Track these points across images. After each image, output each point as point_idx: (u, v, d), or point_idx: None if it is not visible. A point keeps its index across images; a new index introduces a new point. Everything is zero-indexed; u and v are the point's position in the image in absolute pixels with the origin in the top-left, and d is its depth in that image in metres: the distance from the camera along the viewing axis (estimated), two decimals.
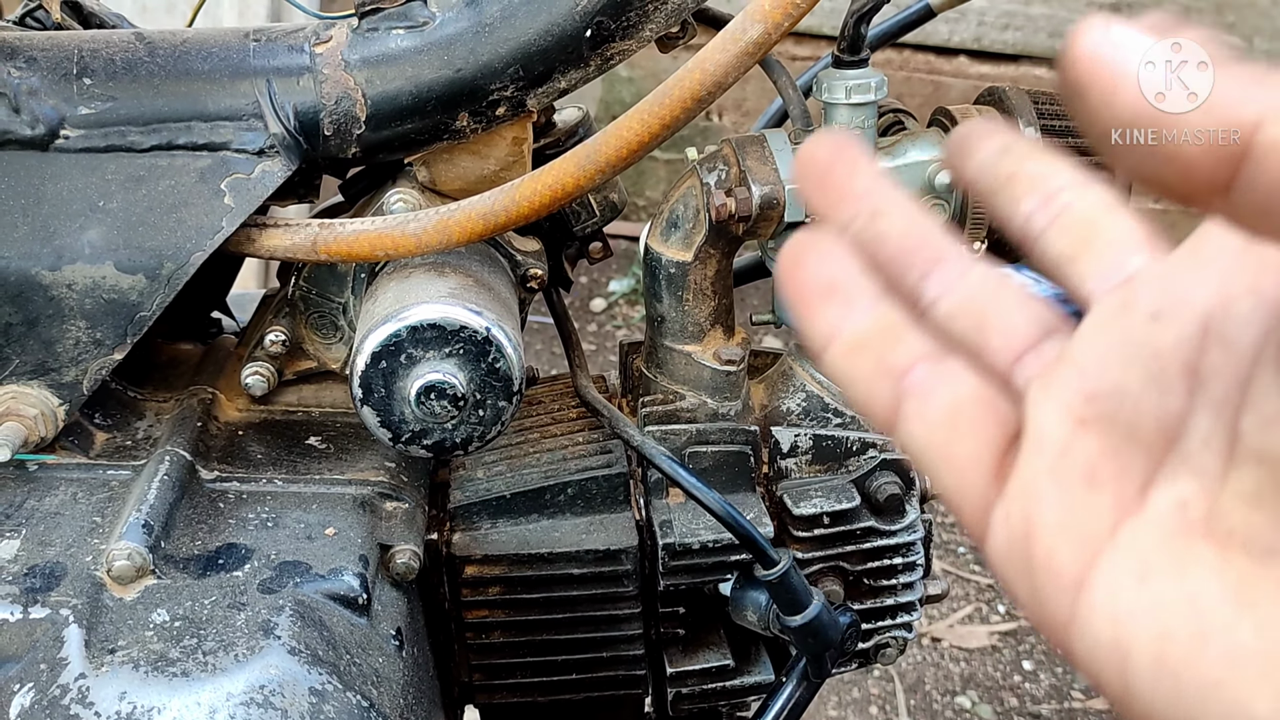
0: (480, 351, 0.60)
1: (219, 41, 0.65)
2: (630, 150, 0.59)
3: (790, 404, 0.74)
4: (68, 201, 0.62)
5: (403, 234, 0.61)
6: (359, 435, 0.71)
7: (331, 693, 0.54)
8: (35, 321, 0.62)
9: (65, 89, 0.62)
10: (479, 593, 0.72)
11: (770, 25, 0.56)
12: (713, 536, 0.70)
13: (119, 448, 0.67)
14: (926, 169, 0.69)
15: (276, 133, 0.63)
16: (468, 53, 0.64)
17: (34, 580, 0.58)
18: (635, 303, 3.00)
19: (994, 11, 3.01)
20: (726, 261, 0.73)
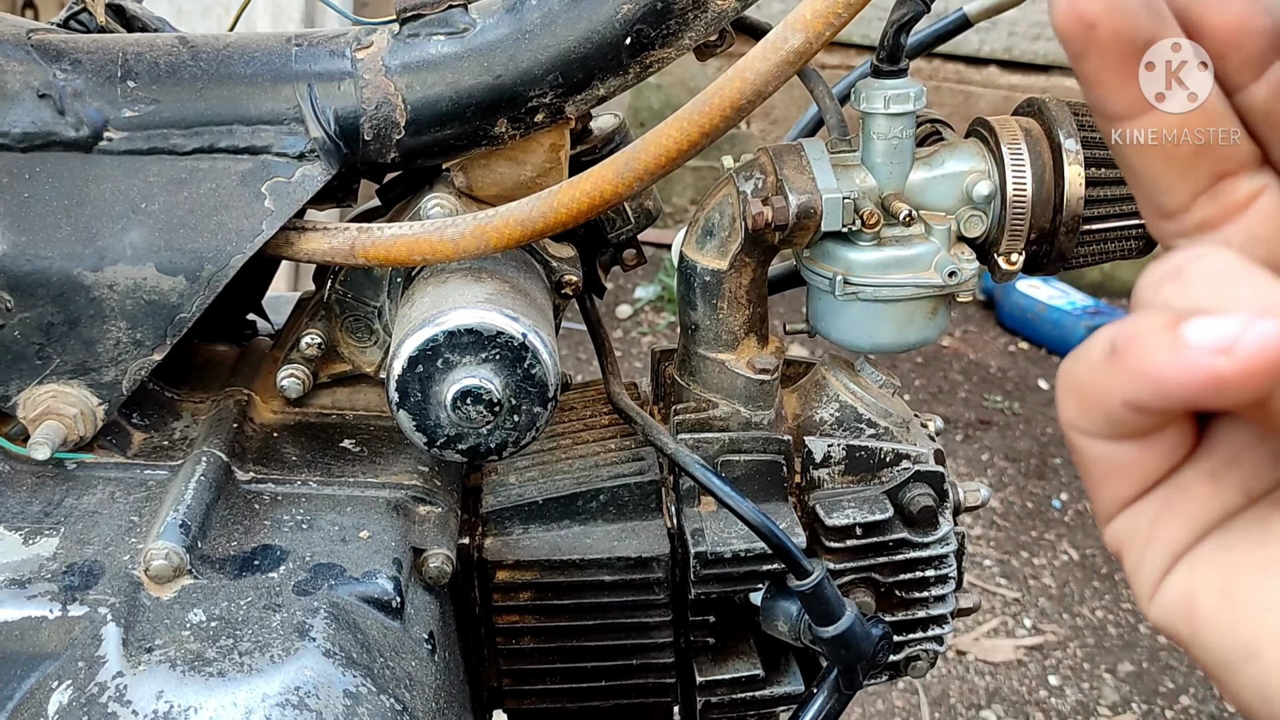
0: (516, 357, 0.60)
1: (261, 46, 0.66)
2: (669, 158, 0.59)
3: (824, 414, 0.74)
4: (110, 203, 0.62)
5: (441, 239, 0.62)
6: (392, 439, 0.71)
7: (366, 695, 0.54)
8: (77, 321, 0.63)
9: (109, 91, 0.63)
10: (510, 598, 0.72)
11: (811, 35, 0.56)
12: (745, 545, 0.70)
13: (156, 448, 0.68)
14: (965, 180, 0.69)
15: (317, 137, 0.64)
16: (507, 59, 0.64)
17: (72, 578, 0.58)
18: (661, 309, 2.99)
19: (1025, 22, 2.99)
20: (761, 270, 0.72)
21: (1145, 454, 0.28)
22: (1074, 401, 0.28)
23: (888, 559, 0.73)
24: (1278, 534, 0.26)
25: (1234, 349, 0.24)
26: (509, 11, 0.64)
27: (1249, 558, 0.27)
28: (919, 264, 0.69)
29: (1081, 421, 0.28)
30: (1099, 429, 0.28)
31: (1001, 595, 2.12)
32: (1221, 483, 0.28)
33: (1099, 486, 0.29)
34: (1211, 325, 0.25)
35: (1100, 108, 0.30)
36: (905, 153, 0.69)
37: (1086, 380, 0.28)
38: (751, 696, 0.76)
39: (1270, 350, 0.24)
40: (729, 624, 0.75)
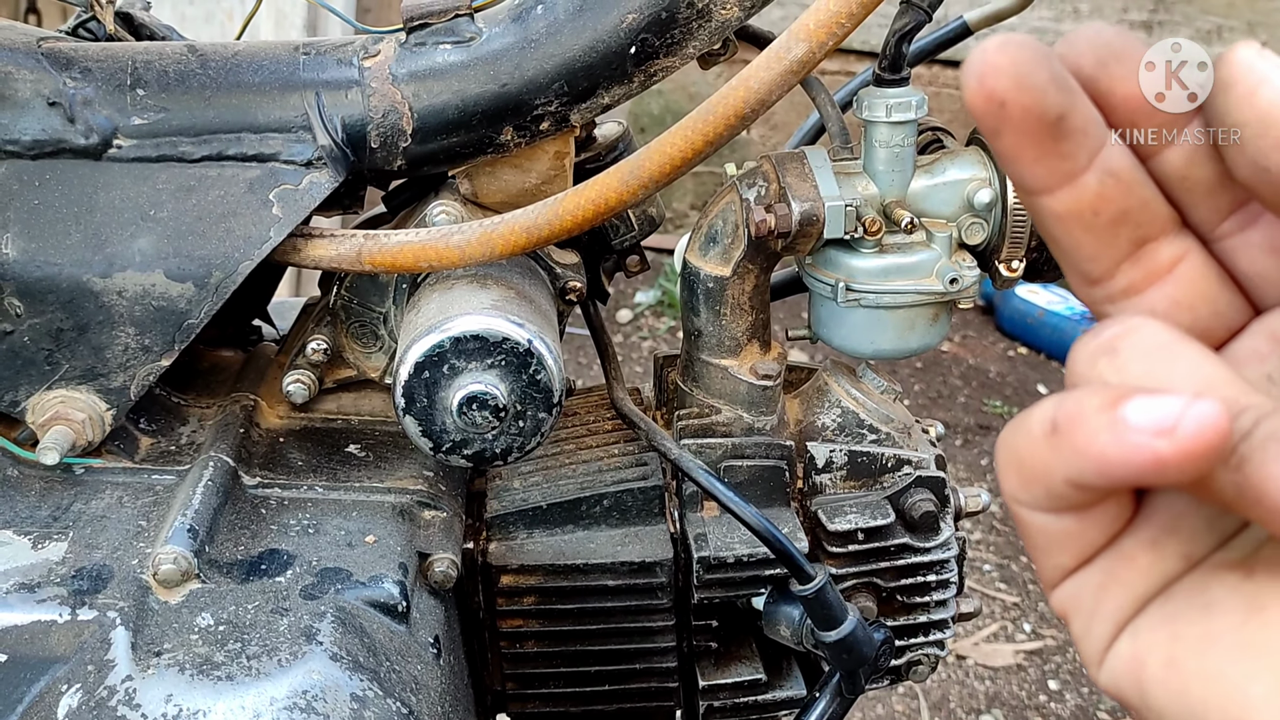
0: (522, 363, 0.61)
1: (269, 54, 0.66)
2: (674, 166, 0.60)
3: (826, 419, 0.74)
4: (119, 210, 0.63)
5: (446, 246, 0.62)
6: (398, 444, 0.72)
7: (372, 699, 0.55)
8: (86, 327, 0.63)
9: (119, 99, 0.64)
10: (514, 602, 0.72)
11: (814, 44, 0.57)
12: (747, 550, 0.71)
13: (163, 453, 0.68)
14: (966, 187, 0.70)
15: (324, 145, 0.64)
16: (513, 68, 0.64)
17: (81, 582, 0.58)
18: (661, 314, 3.00)
19: (1025, 29, 3.00)
20: (764, 277, 0.73)
21: (1086, 525, 0.28)
22: (1015, 475, 0.28)
23: (889, 564, 0.74)
24: (1218, 604, 0.27)
25: (1174, 431, 0.24)
26: (515, 20, 0.65)
27: (1191, 629, 0.27)
28: (920, 271, 0.69)
29: (1023, 495, 0.28)
30: (1040, 503, 0.28)
31: (1001, 600, 2.13)
32: (1162, 551, 0.28)
33: (1042, 556, 0.30)
34: (1151, 406, 0.25)
35: (1019, 182, 0.30)
36: (907, 160, 0.69)
37: (1028, 456, 0.28)
38: (754, 701, 0.76)
39: (1209, 432, 0.24)
40: (731, 628, 0.76)
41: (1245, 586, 0.27)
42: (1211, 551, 0.28)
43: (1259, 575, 0.27)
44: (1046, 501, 0.28)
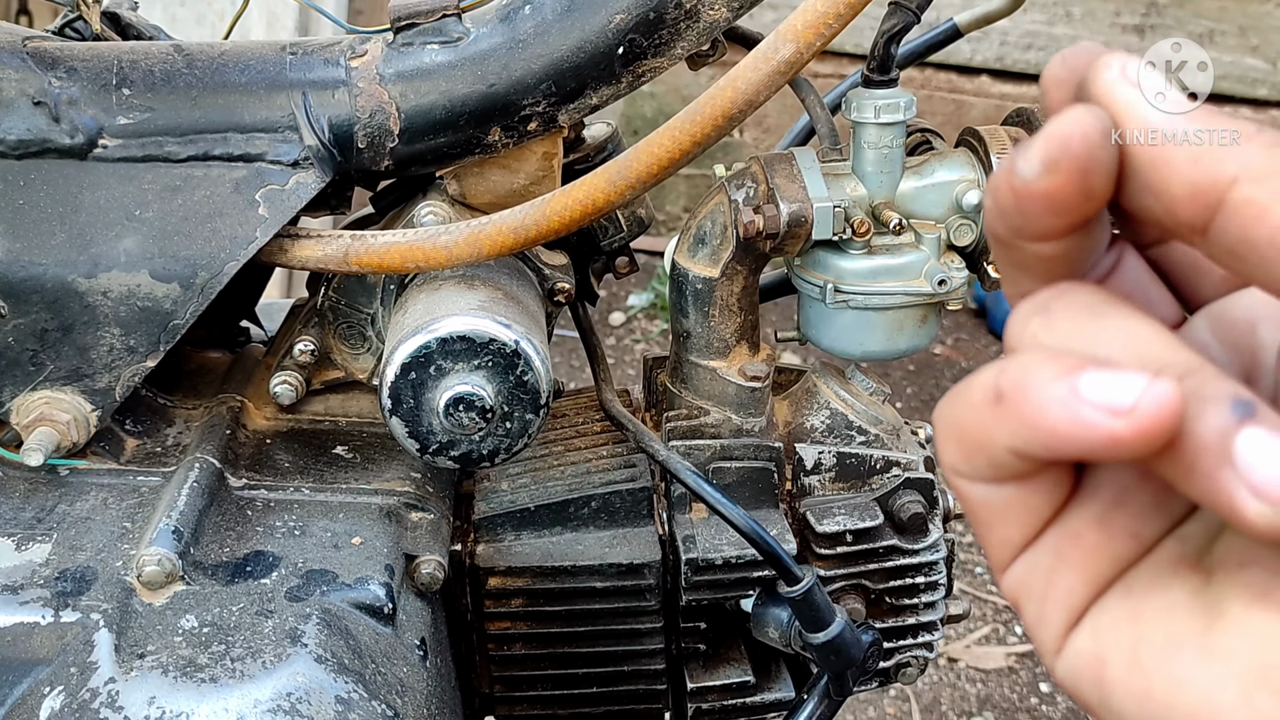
0: (509, 364, 0.60)
1: (256, 54, 0.66)
2: (661, 167, 0.59)
3: (814, 421, 0.74)
4: (105, 210, 0.63)
5: (434, 246, 0.62)
6: (385, 445, 0.71)
7: (357, 701, 0.54)
8: (70, 328, 0.63)
9: (104, 99, 0.63)
10: (501, 604, 0.72)
11: (802, 45, 0.57)
12: (736, 552, 0.70)
13: (149, 454, 0.68)
14: (954, 189, 0.70)
15: (311, 145, 0.64)
16: (501, 68, 0.64)
17: (65, 584, 0.58)
18: (654, 317, 3.00)
19: (1017, 31, 3.01)
20: (753, 278, 0.73)
21: (1029, 494, 0.28)
22: (955, 446, 0.28)
23: (878, 566, 0.74)
24: (1180, 606, 0.26)
25: (1132, 412, 0.24)
26: (502, 21, 0.65)
27: (1155, 631, 0.26)
28: (909, 272, 0.69)
29: (964, 466, 0.28)
30: (982, 473, 0.28)
31: (993, 602, 2.13)
32: (1109, 528, 0.28)
33: (988, 531, 0.29)
34: (1107, 382, 0.24)
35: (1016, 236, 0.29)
36: (895, 162, 0.69)
37: (970, 424, 0.27)
38: (742, 703, 0.76)
39: (1165, 414, 0.24)
40: (720, 630, 0.75)
41: (1207, 591, 0.26)
42: (1163, 535, 0.28)
43: (1219, 578, 0.26)
44: (989, 471, 0.27)
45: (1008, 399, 0.26)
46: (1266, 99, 3.16)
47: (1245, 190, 0.25)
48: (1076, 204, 0.27)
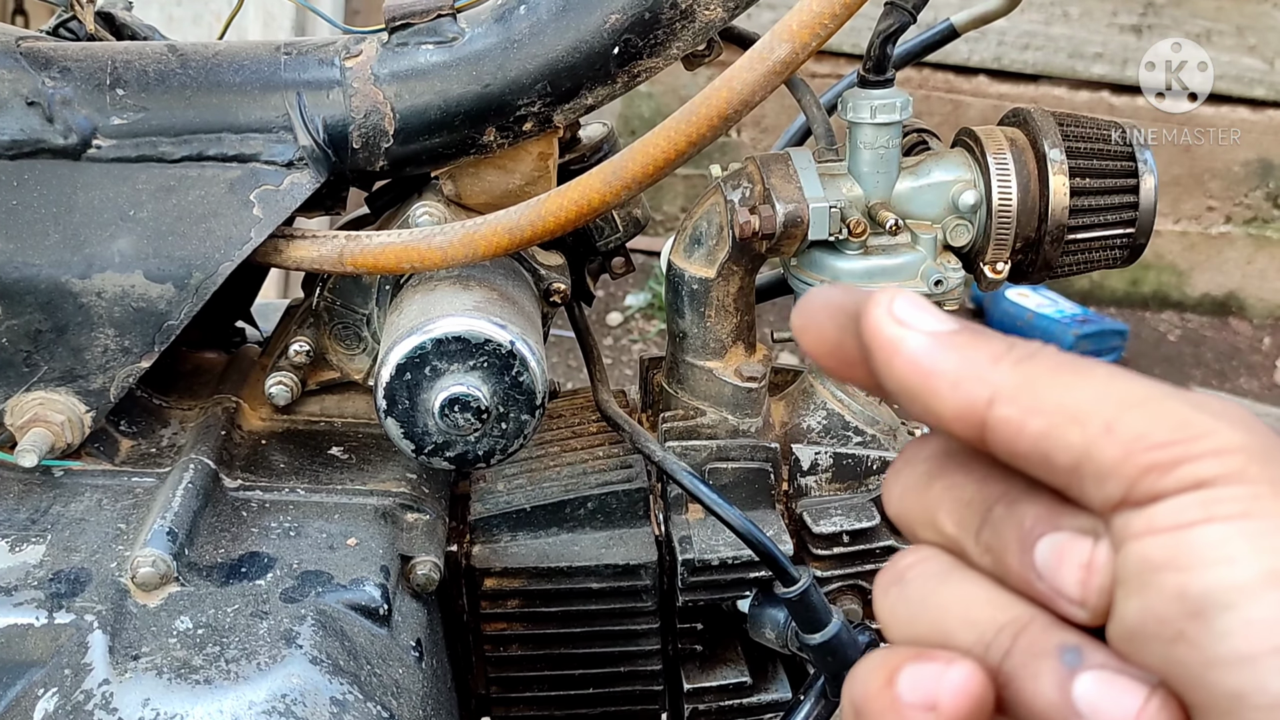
0: (504, 365, 0.60)
1: (250, 54, 0.66)
2: (656, 167, 0.59)
3: (811, 421, 0.74)
4: (99, 210, 0.62)
5: (429, 247, 0.62)
6: (380, 446, 0.71)
7: (352, 703, 0.54)
8: (64, 329, 0.63)
9: (98, 99, 0.63)
10: (498, 605, 0.72)
11: (798, 45, 0.57)
12: (732, 553, 0.70)
13: (144, 455, 0.68)
14: (951, 189, 0.69)
15: (306, 145, 0.64)
16: (496, 68, 0.64)
17: (59, 586, 0.58)
18: (651, 317, 3.00)
19: (1014, 32, 3.01)
20: (749, 278, 0.73)
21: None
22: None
23: (875, 566, 0.74)
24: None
25: (938, 706, 0.27)
26: (497, 21, 0.65)
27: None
28: (905, 273, 0.69)
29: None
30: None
31: None
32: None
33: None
34: (915, 679, 0.28)
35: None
36: (891, 162, 0.69)
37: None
38: (739, 704, 0.76)
39: (964, 697, 0.27)
40: (716, 631, 0.75)
41: None
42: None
43: None
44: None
45: (862, 714, 0.29)
46: (1263, 99, 3.17)
47: (1001, 410, 0.28)
48: (838, 367, 0.32)
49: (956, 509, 0.31)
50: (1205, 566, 0.26)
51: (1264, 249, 3.39)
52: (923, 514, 0.32)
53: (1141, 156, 0.70)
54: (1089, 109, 3.04)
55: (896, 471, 0.33)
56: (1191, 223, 3.33)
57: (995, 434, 0.28)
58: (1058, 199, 0.69)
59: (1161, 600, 0.26)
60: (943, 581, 0.30)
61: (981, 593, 0.30)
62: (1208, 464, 0.26)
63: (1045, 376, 0.28)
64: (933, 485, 0.31)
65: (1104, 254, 0.73)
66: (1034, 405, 0.28)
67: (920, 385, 0.29)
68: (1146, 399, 0.28)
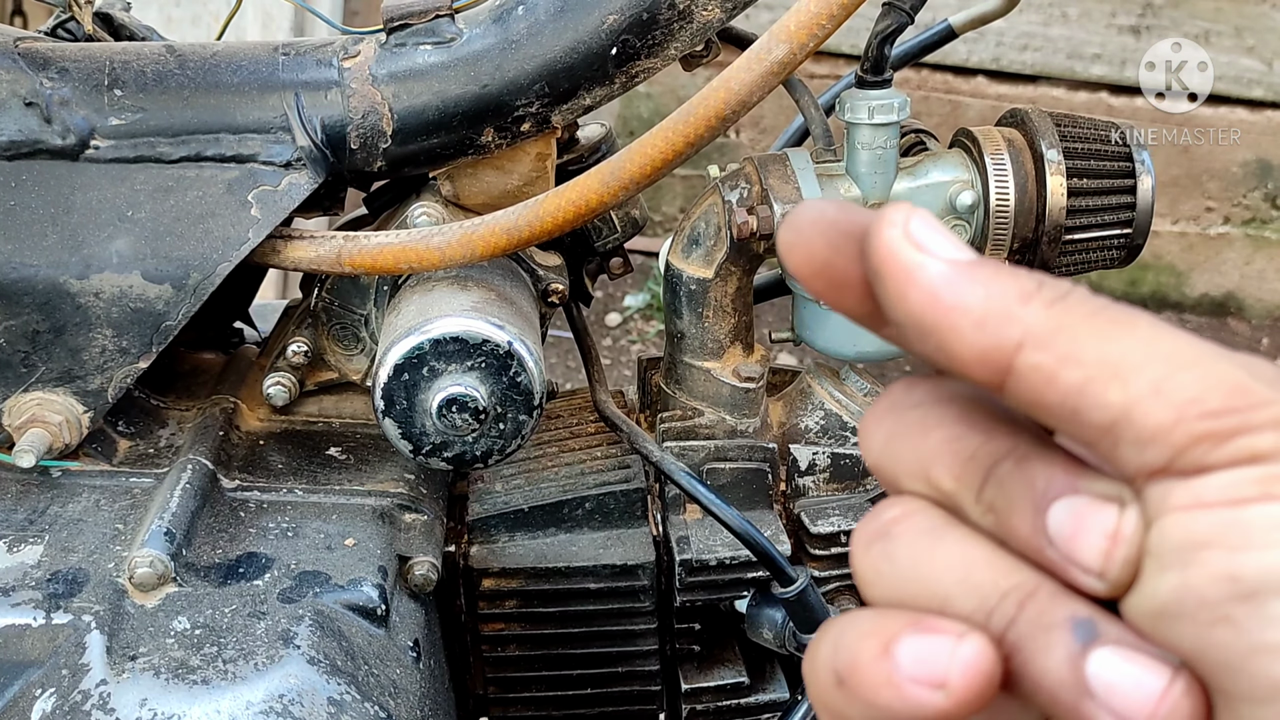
0: (502, 365, 0.60)
1: (248, 55, 0.66)
2: (654, 168, 0.59)
3: (809, 422, 0.74)
4: (97, 211, 0.62)
5: (427, 247, 0.62)
6: (379, 446, 0.71)
7: (350, 703, 0.54)
8: (62, 329, 0.63)
9: (96, 100, 0.63)
10: (495, 605, 0.72)
11: (795, 46, 0.57)
12: (730, 553, 0.70)
13: (142, 455, 0.68)
14: (948, 190, 0.70)
15: (304, 146, 0.64)
16: (494, 69, 0.64)
17: (56, 586, 0.58)
18: (650, 318, 3.00)
19: (1012, 32, 3.01)
20: (747, 279, 0.73)
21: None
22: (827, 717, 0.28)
23: None
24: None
25: (947, 684, 0.25)
26: (495, 21, 0.65)
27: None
28: None
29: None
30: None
31: None
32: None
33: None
34: (920, 652, 0.25)
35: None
36: (889, 163, 0.69)
37: (829, 706, 0.27)
38: (737, 704, 0.76)
39: (977, 677, 0.25)
40: (714, 631, 0.75)
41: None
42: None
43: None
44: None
45: (847, 684, 0.26)
46: (1262, 99, 3.17)
47: (1031, 356, 0.25)
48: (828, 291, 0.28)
49: (956, 463, 0.28)
50: (1261, 548, 0.24)
51: (1262, 250, 3.39)
52: (913, 464, 0.28)
53: (1139, 157, 0.70)
54: (1087, 110, 3.04)
55: (879, 417, 0.29)
56: (1190, 223, 3.34)
57: (1022, 383, 0.26)
58: (1055, 199, 0.69)
59: (1206, 579, 0.24)
60: (937, 539, 0.27)
61: (981, 554, 0.27)
62: (1267, 437, 0.24)
63: (1083, 322, 0.25)
64: (928, 435, 0.28)
65: (1101, 254, 0.73)
66: (1071, 354, 0.25)
67: (939, 320, 0.26)
68: (1198, 359, 0.25)
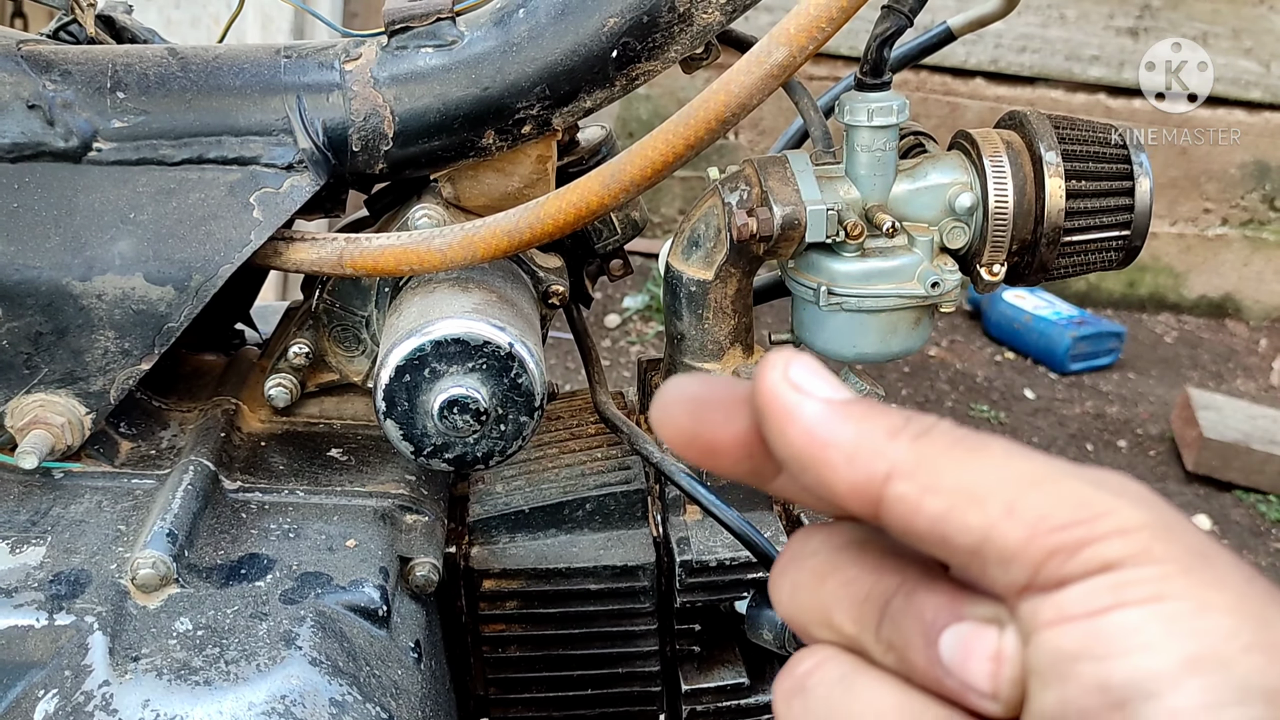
0: (503, 367, 0.61)
1: (250, 57, 0.66)
2: (654, 170, 0.60)
3: None
4: (99, 213, 0.63)
5: (428, 249, 0.62)
6: (379, 448, 0.71)
7: (351, 704, 0.54)
8: (65, 331, 0.63)
9: (99, 102, 0.63)
10: (496, 606, 0.72)
11: (795, 49, 0.57)
12: (730, 554, 0.71)
13: (143, 457, 0.68)
14: (947, 191, 0.70)
15: (305, 148, 0.64)
16: (495, 71, 0.64)
17: (59, 587, 0.58)
18: (649, 319, 3.00)
19: (1011, 34, 3.02)
20: (747, 280, 0.73)
21: None
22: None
23: None
24: None
25: None
26: (496, 24, 0.65)
27: None
28: (902, 275, 0.70)
29: None
30: None
31: None
32: None
33: None
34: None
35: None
36: (888, 165, 0.70)
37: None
38: (737, 705, 0.76)
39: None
40: (714, 632, 0.76)
41: None
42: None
43: None
44: None
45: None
46: (1260, 101, 3.17)
47: (897, 487, 0.27)
48: (698, 457, 0.30)
49: (853, 606, 0.29)
50: (1123, 655, 0.25)
51: (1260, 251, 3.40)
52: (817, 613, 0.30)
53: (1137, 159, 0.71)
54: (1085, 111, 3.05)
55: (783, 569, 0.31)
56: (1188, 225, 3.34)
57: (891, 512, 0.27)
58: (1053, 201, 0.69)
59: (1081, 691, 0.25)
60: (848, 689, 0.29)
61: (890, 697, 0.28)
62: (1113, 544, 0.26)
63: (943, 453, 0.27)
64: (825, 582, 0.30)
65: (1100, 256, 0.73)
66: (931, 483, 0.27)
67: (814, 456, 0.28)
68: (1045, 477, 0.27)
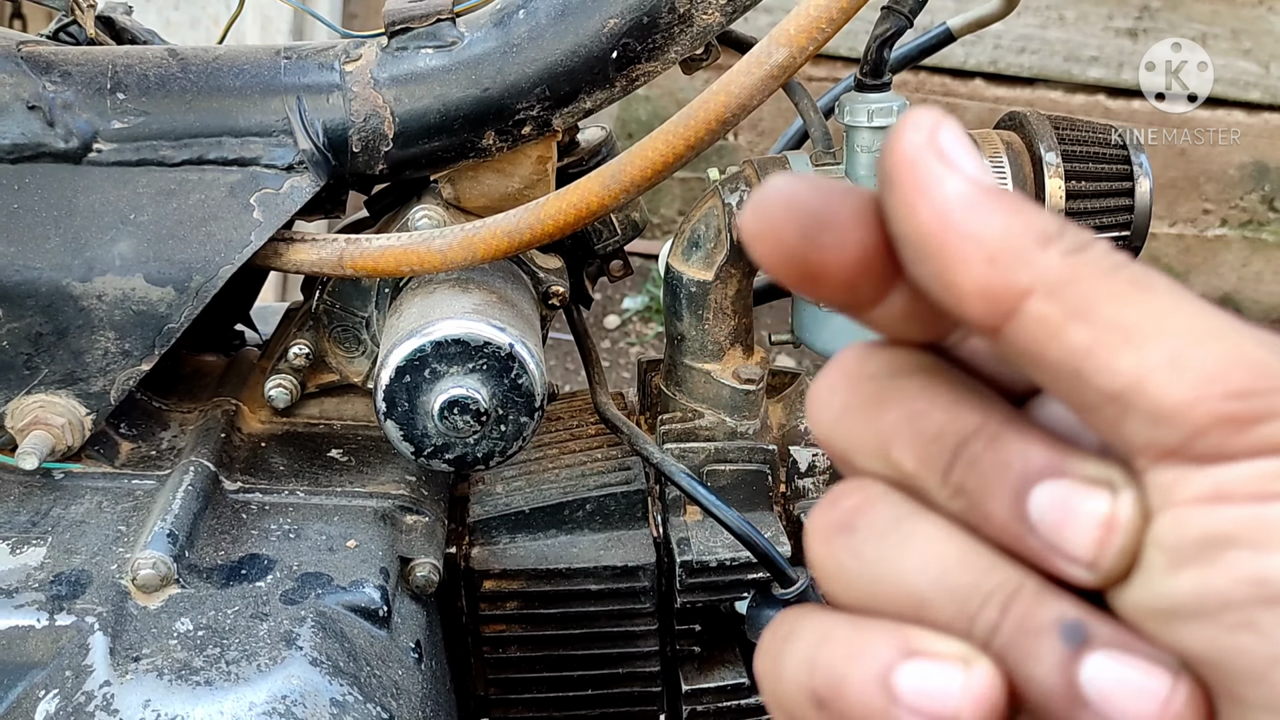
0: (503, 367, 0.61)
1: (250, 58, 0.66)
2: (655, 171, 0.60)
3: (808, 423, 0.75)
4: (99, 214, 0.63)
5: (428, 250, 0.62)
6: (380, 448, 0.71)
7: (352, 704, 0.54)
8: (65, 332, 0.63)
9: (99, 103, 0.63)
10: (496, 607, 0.72)
11: (795, 49, 0.57)
12: (730, 554, 0.71)
13: (144, 457, 0.68)
14: None
15: (305, 149, 0.64)
16: (495, 72, 0.64)
17: (60, 588, 0.58)
18: (649, 320, 3.00)
19: (1010, 35, 3.02)
20: (747, 281, 0.73)
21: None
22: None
23: None
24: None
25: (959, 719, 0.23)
26: (496, 25, 0.65)
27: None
28: None
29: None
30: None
31: None
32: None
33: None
34: (924, 683, 0.23)
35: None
36: None
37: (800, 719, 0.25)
38: (737, 705, 0.76)
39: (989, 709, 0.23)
40: (714, 633, 0.76)
41: None
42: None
43: None
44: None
45: (829, 708, 0.24)
46: (1259, 102, 3.18)
47: (1038, 305, 0.23)
48: (801, 282, 0.25)
49: (920, 443, 0.25)
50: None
51: (1260, 252, 3.40)
52: (871, 443, 0.26)
53: (1136, 160, 0.71)
54: (1085, 112, 3.05)
55: (831, 388, 0.27)
56: (1187, 226, 3.34)
57: (1021, 332, 0.23)
58: (1053, 202, 0.69)
59: (1230, 581, 0.22)
60: (906, 535, 0.25)
61: (956, 550, 0.24)
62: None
63: (1101, 278, 0.23)
64: (886, 410, 0.26)
65: None
66: (1081, 310, 0.23)
67: (945, 245, 0.23)
68: (1222, 332, 0.22)
